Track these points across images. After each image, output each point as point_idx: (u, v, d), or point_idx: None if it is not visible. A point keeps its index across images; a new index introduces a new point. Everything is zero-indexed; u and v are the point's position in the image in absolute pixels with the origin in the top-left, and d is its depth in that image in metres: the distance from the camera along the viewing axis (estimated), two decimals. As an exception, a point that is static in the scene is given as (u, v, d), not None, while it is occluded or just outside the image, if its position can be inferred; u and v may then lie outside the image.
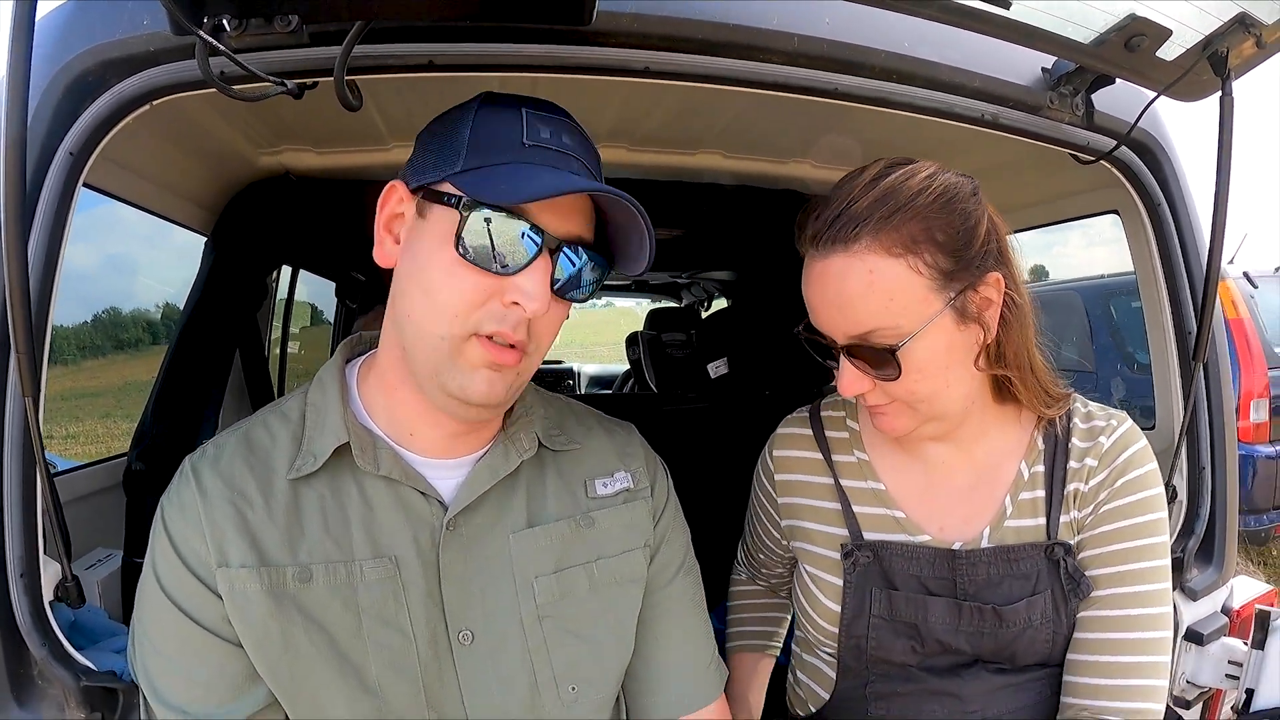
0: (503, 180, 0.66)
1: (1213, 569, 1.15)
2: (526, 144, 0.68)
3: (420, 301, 0.69)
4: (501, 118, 0.70)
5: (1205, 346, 1.05)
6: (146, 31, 0.78)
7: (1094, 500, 0.86)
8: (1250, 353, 3.96)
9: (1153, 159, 1.12)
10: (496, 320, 0.67)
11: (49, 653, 0.72)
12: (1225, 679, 1.11)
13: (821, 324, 0.82)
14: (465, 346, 0.68)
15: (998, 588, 0.86)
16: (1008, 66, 0.99)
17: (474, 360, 0.68)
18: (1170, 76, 0.97)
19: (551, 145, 0.70)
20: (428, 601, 0.74)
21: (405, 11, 0.69)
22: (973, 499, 0.90)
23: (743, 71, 0.85)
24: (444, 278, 0.67)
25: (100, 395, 2.18)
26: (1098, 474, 0.87)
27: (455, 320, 0.67)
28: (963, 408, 0.86)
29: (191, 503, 0.71)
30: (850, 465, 0.96)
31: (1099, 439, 0.88)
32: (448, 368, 0.69)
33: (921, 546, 0.89)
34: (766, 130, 1.42)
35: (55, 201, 0.77)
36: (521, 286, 0.67)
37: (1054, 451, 0.89)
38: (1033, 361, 0.86)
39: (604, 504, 0.83)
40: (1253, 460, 3.97)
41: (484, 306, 0.67)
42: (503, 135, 0.69)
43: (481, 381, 0.69)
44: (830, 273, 0.78)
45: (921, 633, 0.87)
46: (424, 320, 0.69)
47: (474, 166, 0.68)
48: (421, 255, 0.70)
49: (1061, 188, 1.37)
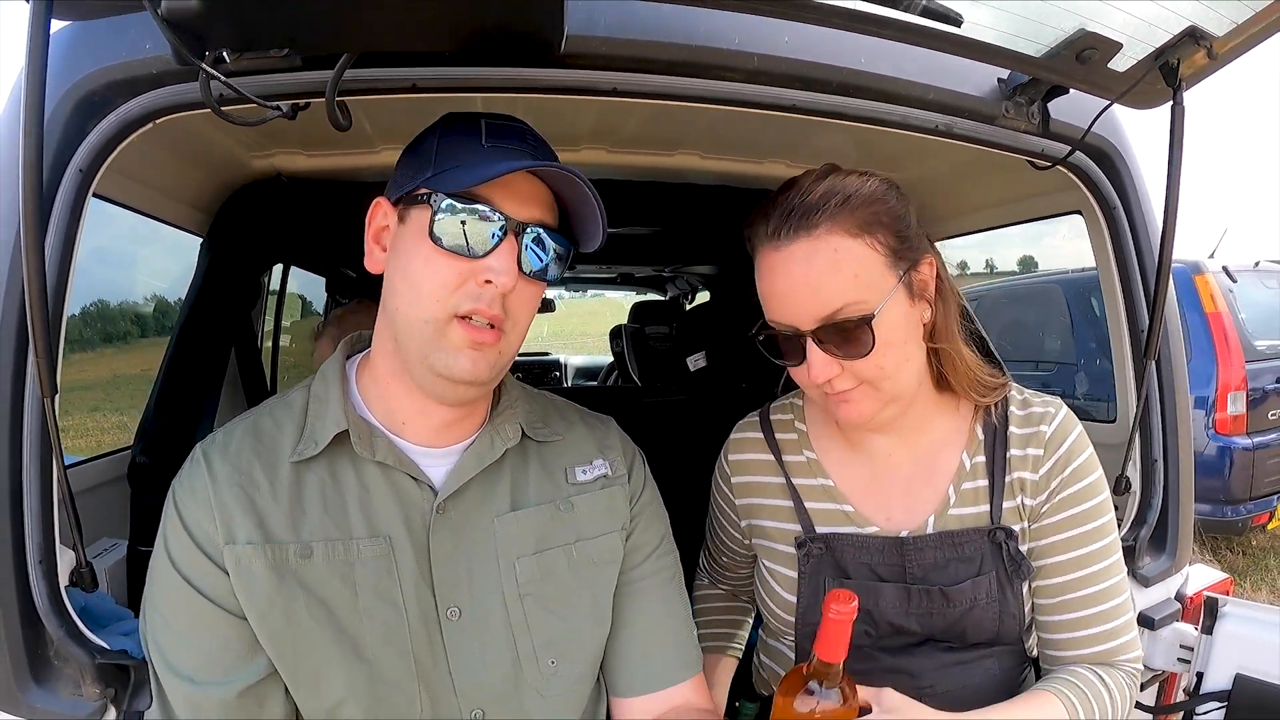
0: (464, 173, 0.75)
1: (1165, 557, 1.21)
2: (486, 145, 0.77)
3: (406, 293, 0.76)
4: (464, 129, 0.79)
5: (1155, 344, 1.11)
6: (150, 55, 0.83)
7: (1047, 489, 0.92)
8: (1228, 346, 4.00)
9: (1109, 164, 1.17)
10: (473, 299, 0.75)
11: (65, 633, 0.78)
12: (1177, 662, 1.17)
13: (786, 312, 0.84)
14: (448, 329, 0.75)
15: (944, 570, 0.91)
16: (964, 79, 1.04)
17: (457, 342, 0.75)
18: (1123, 86, 1.01)
19: (509, 145, 0.78)
20: (418, 579, 0.80)
21: (387, 45, 0.75)
22: (916, 489, 0.96)
23: (706, 90, 0.91)
24: (423, 267, 0.75)
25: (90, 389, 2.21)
26: (1045, 463, 0.92)
27: (436, 304, 0.75)
28: (915, 388, 0.91)
29: (202, 485, 0.77)
30: (800, 464, 1.01)
31: (1039, 427, 0.93)
32: (434, 349, 0.75)
33: (871, 537, 0.94)
34: (741, 133, 1.46)
35: (66, 216, 0.83)
36: (491, 265, 0.75)
37: (993, 442, 0.94)
38: (959, 345, 0.93)
39: (583, 489, 0.90)
40: (1230, 452, 4.02)
41: (461, 288, 0.75)
42: (465, 142, 0.78)
43: (466, 360, 0.75)
44: (795, 258, 0.83)
45: (874, 617, 0.92)
46: (410, 308, 0.76)
47: (441, 170, 0.76)
48: (404, 253, 0.77)
49: (1026, 189, 1.41)
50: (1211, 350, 4.02)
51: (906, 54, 0.98)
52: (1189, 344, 3.99)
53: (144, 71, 0.84)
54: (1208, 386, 4.01)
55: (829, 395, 0.88)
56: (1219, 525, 4.19)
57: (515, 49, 0.76)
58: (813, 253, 0.82)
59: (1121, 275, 1.21)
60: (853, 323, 0.82)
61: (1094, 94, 1.03)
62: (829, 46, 0.94)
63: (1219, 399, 4.00)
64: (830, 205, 0.82)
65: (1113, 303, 1.24)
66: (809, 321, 0.83)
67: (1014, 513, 0.93)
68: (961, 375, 0.93)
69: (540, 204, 0.79)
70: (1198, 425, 3.97)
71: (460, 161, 0.76)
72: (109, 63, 0.84)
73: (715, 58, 0.89)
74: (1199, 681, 1.13)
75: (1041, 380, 4.02)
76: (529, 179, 0.78)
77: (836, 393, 0.87)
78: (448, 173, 0.76)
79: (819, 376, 0.85)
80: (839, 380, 0.86)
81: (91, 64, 0.84)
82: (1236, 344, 4.04)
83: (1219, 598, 1.14)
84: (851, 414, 0.88)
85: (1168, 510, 1.21)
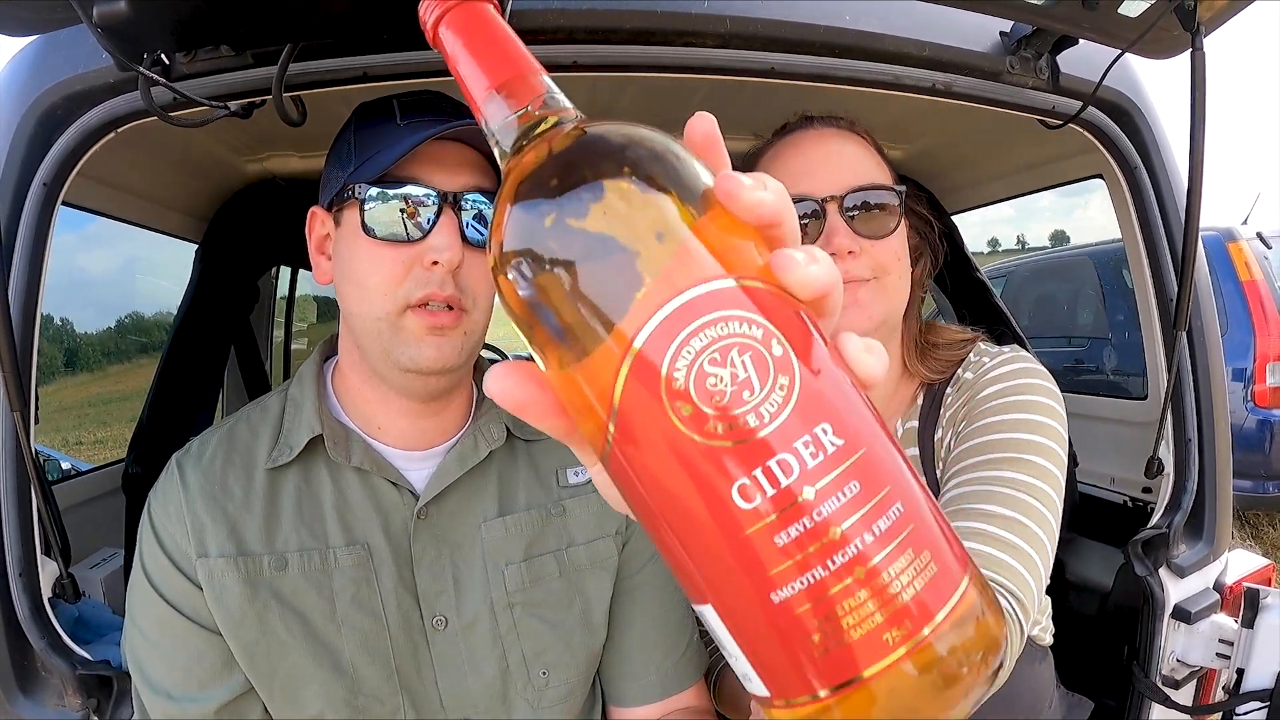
0: (383, 156, 0.71)
1: (1202, 544, 1.12)
2: (401, 124, 0.73)
3: (354, 294, 0.74)
4: (378, 116, 0.76)
5: (1185, 313, 1.01)
6: (105, 64, 0.82)
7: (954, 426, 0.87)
8: (1265, 315, 3.77)
9: (1128, 120, 1.08)
10: (422, 285, 0.71)
11: (48, 645, 0.79)
12: (1216, 658, 1.09)
13: (814, 182, 0.85)
14: (403, 321, 0.72)
15: None
16: (962, 33, 0.96)
17: (415, 331, 0.72)
18: (1136, 32, 0.92)
19: (424, 117, 0.73)
20: (400, 588, 0.77)
21: (323, 31, 0.72)
22: None
23: (675, 58, 0.85)
24: (366, 264, 0.72)
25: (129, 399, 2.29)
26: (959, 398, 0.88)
27: (386, 298, 0.71)
28: (900, 313, 0.91)
29: (175, 497, 0.76)
30: None
31: (965, 374, 0.90)
32: (395, 345, 0.72)
33: None
34: (740, 109, 1.40)
35: (33, 230, 0.83)
36: (432, 244, 0.71)
37: (929, 406, 0.91)
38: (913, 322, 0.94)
39: (575, 492, 0.85)
40: (1270, 425, 3.79)
41: (408, 276, 0.71)
42: (381, 126, 0.74)
43: (430, 348, 0.72)
44: (829, 135, 0.88)
45: None
46: (362, 308, 0.73)
47: (362, 161, 0.73)
48: (345, 254, 0.75)
49: (1043, 154, 1.32)
50: (1248, 320, 3.79)
51: (896, 8, 0.91)
52: (1224, 315, 3.78)
53: (100, 82, 0.83)
54: (1245, 358, 3.79)
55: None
56: (1260, 501, 3.99)
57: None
58: (846, 138, 0.88)
59: (1147, 240, 1.11)
60: (881, 196, 0.84)
61: (1105, 43, 0.94)
62: (809, 4, 0.87)
63: (1257, 370, 3.78)
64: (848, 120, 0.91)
65: (1139, 270, 1.15)
66: (839, 187, 0.84)
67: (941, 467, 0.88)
68: (911, 350, 0.93)
69: (471, 168, 0.74)
70: (1236, 398, 3.77)
71: (380, 147, 0.73)
72: (68, 75, 0.83)
73: (684, 23, 0.83)
74: (1239, 679, 1.05)
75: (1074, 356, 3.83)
76: (454, 146, 0.73)
77: (850, 282, 0.83)
78: (368, 162, 0.72)
79: (843, 245, 0.82)
80: (855, 264, 0.83)
81: (51, 78, 0.83)
82: (1275, 312, 3.81)
83: (1260, 589, 1.05)
84: (859, 317, 0.84)
85: (1204, 494, 1.12)
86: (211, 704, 0.74)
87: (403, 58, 0.80)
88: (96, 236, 1.74)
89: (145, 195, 1.34)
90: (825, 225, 0.84)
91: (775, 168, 0.88)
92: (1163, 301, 1.11)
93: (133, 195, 1.31)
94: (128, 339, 2.35)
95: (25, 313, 0.82)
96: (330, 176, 0.77)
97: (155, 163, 1.26)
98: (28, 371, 0.82)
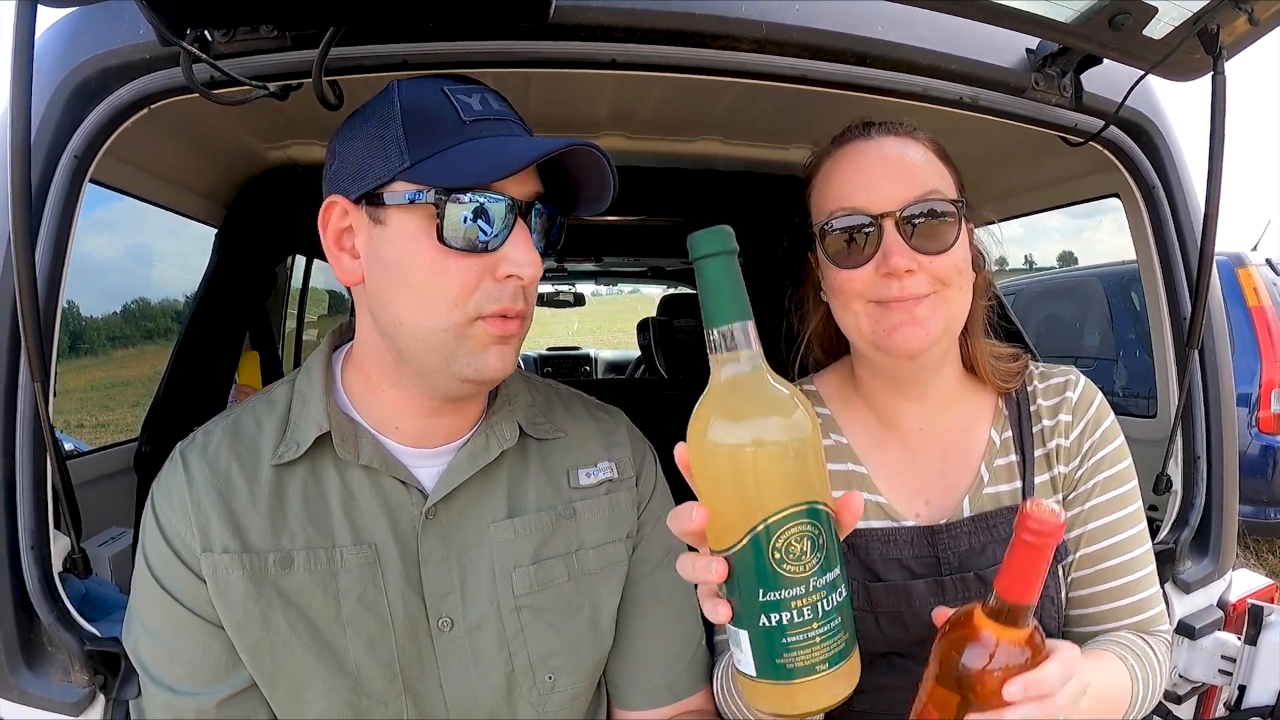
0: (468, 161, 0.66)
1: (1208, 561, 1.13)
2: (466, 120, 0.68)
3: (411, 303, 0.69)
4: (427, 102, 0.69)
5: (1199, 331, 1.03)
6: (142, 40, 0.83)
7: (1080, 452, 0.89)
8: (1272, 341, 3.80)
9: (1147, 140, 1.10)
10: (494, 299, 0.68)
11: (56, 619, 0.78)
12: (1218, 674, 1.09)
13: (870, 195, 0.81)
14: (470, 330, 0.69)
15: (980, 555, 0.86)
16: (990, 48, 0.98)
17: (483, 341, 0.70)
18: (1159, 54, 0.94)
19: (488, 115, 0.70)
20: (406, 589, 0.75)
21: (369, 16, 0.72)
22: (949, 469, 0.91)
23: (711, 60, 0.86)
24: (431, 273, 0.67)
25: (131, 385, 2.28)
26: (1076, 426, 0.89)
27: (455, 309, 0.68)
28: (961, 324, 0.87)
29: (179, 489, 0.73)
30: (828, 449, 0.94)
31: (1065, 394, 0.90)
32: (457, 355, 0.69)
33: (903, 529, 0.89)
34: (764, 115, 1.41)
35: (61, 202, 0.83)
36: (511, 257, 0.68)
37: (1019, 417, 0.91)
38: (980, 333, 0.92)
39: (586, 494, 0.84)
40: (1274, 451, 3.81)
41: (479, 289, 0.68)
42: (436, 118, 0.68)
43: (495, 358, 0.70)
44: (888, 145, 0.84)
45: (907, 620, 0.86)
46: (419, 319, 0.69)
47: (424, 157, 0.67)
48: (397, 259, 0.69)
49: (1061, 171, 1.34)
50: (1255, 345, 3.81)
51: (927, 21, 0.93)
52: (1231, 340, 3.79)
53: (136, 57, 0.83)
54: (1251, 383, 3.81)
55: (895, 307, 0.81)
56: (1262, 528, 4.01)
57: (501, 16, 0.72)
58: (906, 145, 0.85)
59: (1162, 259, 1.13)
60: (939, 209, 0.81)
61: (1128, 63, 0.96)
62: (843, 13, 0.89)
63: (1263, 396, 3.80)
64: (915, 127, 0.87)
65: (1153, 289, 1.16)
66: (895, 202, 0.80)
67: (1047, 486, 0.89)
68: (984, 360, 0.91)
69: (533, 176, 0.72)
70: (1241, 423, 3.78)
71: (443, 144, 0.67)
72: (104, 49, 0.83)
73: (720, 26, 0.84)
74: (1241, 695, 1.05)
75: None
76: None
77: (907, 299, 0.80)
78: (437, 160, 0.67)
79: (901, 262, 0.79)
80: (913, 281, 0.80)
81: (87, 51, 0.84)
82: (1281, 339, 3.84)
83: (1264, 606, 1.05)
84: (918, 334, 0.80)
85: (1211, 511, 1.13)
86: (213, 699, 0.72)
87: (444, 47, 0.81)
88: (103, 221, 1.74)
89: (168, 177, 1.34)
90: (882, 244, 0.80)
91: (832, 181, 0.85)
92: (1176, 320, 1.12)
93: (156, 176, 1.31)
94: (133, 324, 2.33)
95: (50, 283, 0.82)
96: (362, 165, 0.69)
97: (180, 145, 1.26)
98: (49, 343, 0.81)
